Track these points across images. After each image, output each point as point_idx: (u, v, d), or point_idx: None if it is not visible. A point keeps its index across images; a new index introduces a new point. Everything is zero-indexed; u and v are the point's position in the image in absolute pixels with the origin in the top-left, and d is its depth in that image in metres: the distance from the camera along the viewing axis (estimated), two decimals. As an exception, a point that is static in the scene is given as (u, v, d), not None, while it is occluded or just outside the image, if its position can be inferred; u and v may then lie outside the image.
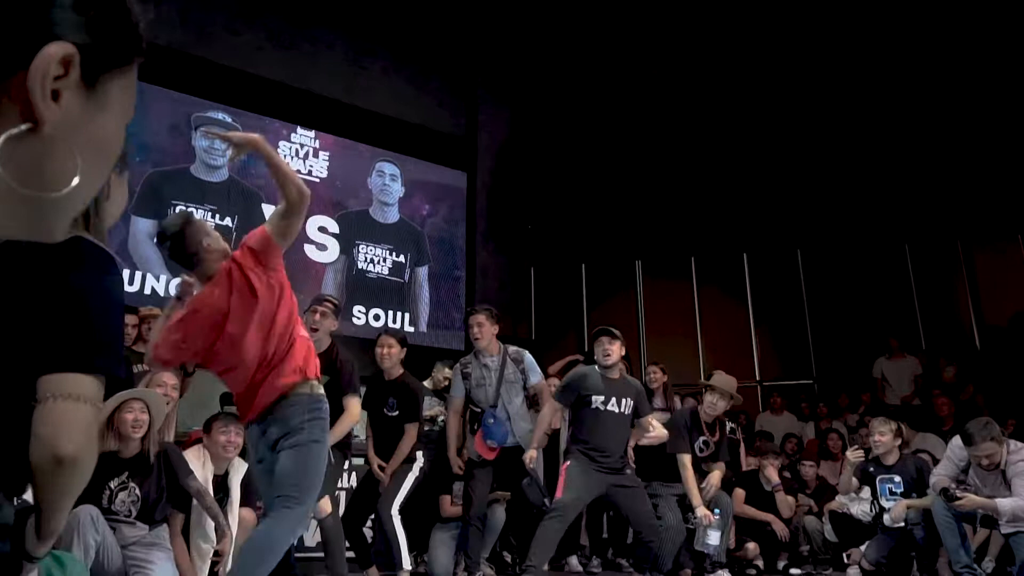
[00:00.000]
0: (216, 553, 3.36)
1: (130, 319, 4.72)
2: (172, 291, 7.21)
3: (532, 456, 4.27)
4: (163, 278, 7.26)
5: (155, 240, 2.94)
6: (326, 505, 3.87)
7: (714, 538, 4.37)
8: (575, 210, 10.33)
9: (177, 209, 7.49)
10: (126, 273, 7.13)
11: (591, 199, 10.23)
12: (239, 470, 3.72)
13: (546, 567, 5.62)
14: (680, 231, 10.28)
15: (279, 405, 2.55)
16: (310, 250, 8.21)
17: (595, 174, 10.06)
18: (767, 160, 9.70)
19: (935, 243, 9.78)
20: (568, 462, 4.13)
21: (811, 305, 10.14)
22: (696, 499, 4.53)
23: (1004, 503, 3.99)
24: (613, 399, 4.17)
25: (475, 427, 4.33)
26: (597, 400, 4.15)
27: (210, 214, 7.64)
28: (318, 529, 4.46)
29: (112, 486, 3.14)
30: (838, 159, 9.44)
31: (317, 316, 3.96)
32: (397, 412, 4.41)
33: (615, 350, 4.23)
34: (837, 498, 5.35)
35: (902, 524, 4.76)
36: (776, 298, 10.30)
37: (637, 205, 10.12)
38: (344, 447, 4.10)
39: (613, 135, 9.97)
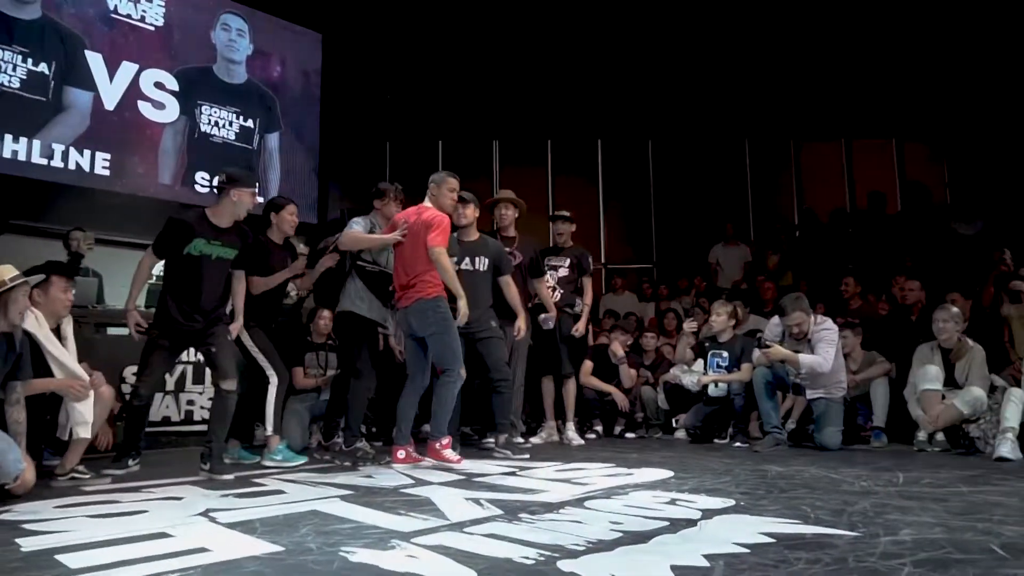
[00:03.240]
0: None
1: None
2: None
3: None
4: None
5: None
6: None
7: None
8: (434, 83, 9.99)
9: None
10: None
11: (451, 73, 9.90)
12: (69, 323, 3.73)
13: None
14: (538, 114, 10.29)
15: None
16: (145, 108, 7.46)
17: (456, 47, 9.68)
18: (625, 48, 9.76)
19: (770, 139, 10.51)
20: None
21: (657, 193, 10.67)
22: (550, 306, 5.13)
23: (804, 357, 4.77)
24: (467, 259, 4.64)
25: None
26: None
27: (21, 58, 6.68)
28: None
29: None
30: (692, 54, 9.66)
31: None
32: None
33: (468, 214, 4.74)
34: (671, 370, 5.86)
35: (724, 394, 5.34)
36: (626, 186, 10.72)
37: (497, 85, 9.93)
38: None
39: (475, 3, 9.59)
